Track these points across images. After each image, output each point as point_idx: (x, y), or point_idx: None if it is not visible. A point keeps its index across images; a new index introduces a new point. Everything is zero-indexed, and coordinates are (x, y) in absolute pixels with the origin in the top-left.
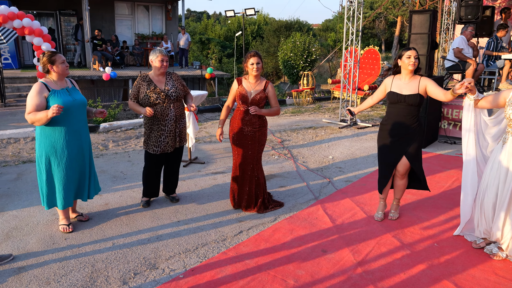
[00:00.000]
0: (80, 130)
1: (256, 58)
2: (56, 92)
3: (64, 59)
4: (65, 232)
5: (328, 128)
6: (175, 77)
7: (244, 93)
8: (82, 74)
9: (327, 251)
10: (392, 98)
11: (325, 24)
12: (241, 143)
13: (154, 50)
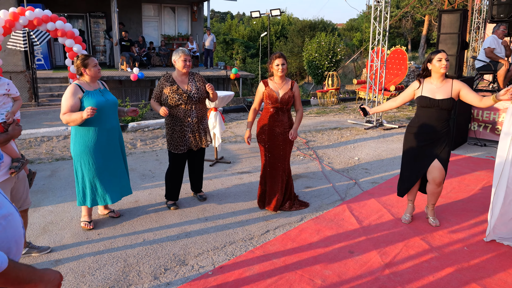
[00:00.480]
0: (113, 129)
1: (281, 59)
2: (90, 93)
3: (97, 62)
4: (87, 229)
5: (354, 129)
6: (198, 77)
7: (272, 93)
8: (111, 74)
9: (354, 252)
10: (425, 103)
11: (350, 24)
12: (272, 144)
13: (176, 51)
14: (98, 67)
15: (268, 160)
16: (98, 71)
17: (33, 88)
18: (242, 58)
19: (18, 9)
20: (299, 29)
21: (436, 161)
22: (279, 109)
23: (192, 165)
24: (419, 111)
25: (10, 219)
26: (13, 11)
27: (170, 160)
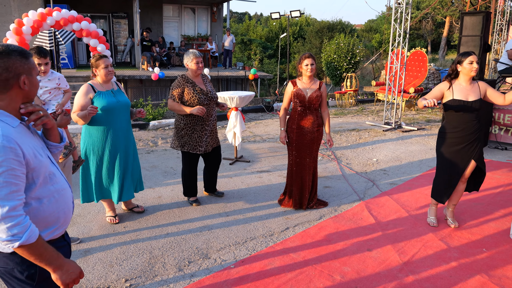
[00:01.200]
0: (123, 129)
1: (311, 60)
2: (101, 93)
3: (109, 63)
4: (112, 223)
5: (372, 131)
6: (208, 79)
7: (300, 92)
8: (132, 74)
9: (372, 250)
10: (458, 106)
11: (368, 25)
12: (300, 142)
13: (187, 53)
14: (109, 68)
15: (294, 159)
16: (109, 72)
17: None
18: (259, 59)
19: (46, 10)
20: (317, 30)
21: (473, 161)
22: (307, 108)
23: (209, 165)
24: (451, 115)
25: (63, 194)
26: (41, 12)
27: (185, 160)
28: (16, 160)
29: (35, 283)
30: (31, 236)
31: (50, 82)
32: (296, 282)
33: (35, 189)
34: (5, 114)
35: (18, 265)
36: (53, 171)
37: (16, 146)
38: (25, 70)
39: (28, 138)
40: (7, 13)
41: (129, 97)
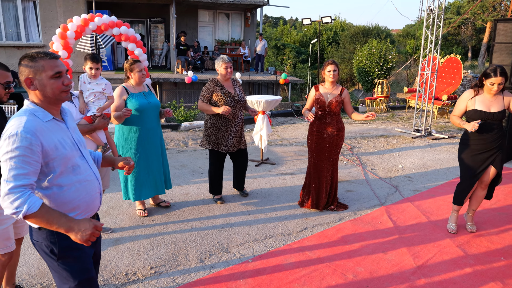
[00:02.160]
0: (154, 129)
1: (333, 66)
2: (134, 95)
3: (142, 67)
4: (142, 216)
5: (401, 138)
6: (238, 83)
7: (321, 98)
8: (167, 77)
9: (387, 253)
10: (480, 116)
11: (406, 30)
12: (319, 146)
13: (218, 59)
14: (142, 72)
15: (313, 161)
16: (142, 76)
17: None
18: (292, 64)
19: (89, 16)
20: (351, 35)
21: (491, 166)
22: (327, 113)
23: (236, 165)
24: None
25: (85, 185)
26: (84, 17)
27: (212, 158)
28: (29, 148)
29: (57, 258)
30: (31, 206)
31: (97, 86)
32: (310, 278)
33: (56, 177)
34: (40, 110)
35: (44, 240)
36: (78, 164)
37: (34, 137)
38: (31, 72)
39: (55, 132)
40: (54, 18)
41: (163, 99)
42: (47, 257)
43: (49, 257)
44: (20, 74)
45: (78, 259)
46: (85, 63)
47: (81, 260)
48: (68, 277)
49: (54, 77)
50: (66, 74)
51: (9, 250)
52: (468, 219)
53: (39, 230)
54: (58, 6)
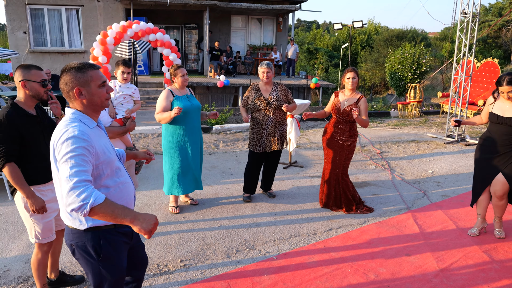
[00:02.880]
0: (195, 129)
1: (353, 73)
2: (179, 97)
3: (185, 72)
4: (174, 213)
5: (432, 143)
6: (281, 87)
7: (338, 104)
8: (200, 81)
9: (411, 256)
10: (494, 119)
11: (444, 33)
12: (330, 149)
13: (261, 64)
14: (185, 77)
15: (326, 164)
16: (185, 80)
17: None
18: (325, 68)
19: (127, 23)
20: (385, 38)
21: (500, 174)
22: (341, 120)
23: (266, 166)
24: (490, 126)
25: (126, 186)
26: (122, 24)
27: (249, 157)
28: (86, 149)
29: (99, 259)
30: (97, 197)
31: (127, 89)
32: (332, 276)
33: (104, 179)
34: (86, 117)
35: (88, 241)
36: (119, 167)
37: (89, 139)
38: (80, 83)
39: (100, 138)
40: (95, 25)
41: None
42: (88, 257)
43: (91, 258)
44: (66, 84)
45: (117, 259)
46: (117, 68)
47: (120, 259)
48: (107, 276)
49: (100, 86)
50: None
51: (50, 240)
52: (496, 225)
53: (85, 232)
54: (99, 14)
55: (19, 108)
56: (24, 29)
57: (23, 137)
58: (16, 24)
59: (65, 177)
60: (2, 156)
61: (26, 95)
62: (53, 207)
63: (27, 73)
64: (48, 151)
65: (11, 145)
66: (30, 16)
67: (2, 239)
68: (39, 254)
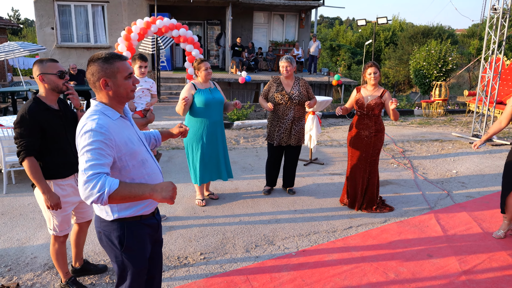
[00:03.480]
0: (217, 122)
1: (374, 68)
2: (200, 91)
3: (208, 66)
4: (200, 206)
5: (457, 142)
6: (302, 82)
7: (361, 99)
8: (221, 77)
9: (432, 256)
10: None
11: (471, 30)
12: (356, 146)
13: (281, 58)
14: (208, 70)
15: (350, 162)
16: (208, 74)
17: (157, 86)
18: (347, 65)
19: (151, 19)
20: (410, 35)
21: None
22: (366, 115)
23: (285, 162)
24: None
25: (153, 177)
26: (146, 20)
27: (268, 150)
28: (104, 142)
29: (123, 249)
30: (112, 183)
31: (146, 83)
32: (351, 274)
33: (129, 170)
34: (109, 109)
35: (114, 231)
36: (146, 158)
37: (107, 132)
38: (107, 74)
39: (124, 129)
40: (119, 21)
41: None
42: (112, 246)
43: (115, 247)
44: (93, 74)
45: (140, 251)
46: (134, 63)
47: (143, 250)
48: (129, 265)
49: (127, 78)
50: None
51: (66, 232)
52: None
53: (111, 222)
54: (124, 10)
55: (41, 102)
56: (52, 25)
57: (45, 132)
58: (44, 20)
59: (81, 170)
60: (22, 150)
61: (46, 89)
62: (72, 200)
63: (43, 67)
64: (69, 146)
65: (32, 139)
66: (58, 12)
67: (29, 227)
68: (56, 245)
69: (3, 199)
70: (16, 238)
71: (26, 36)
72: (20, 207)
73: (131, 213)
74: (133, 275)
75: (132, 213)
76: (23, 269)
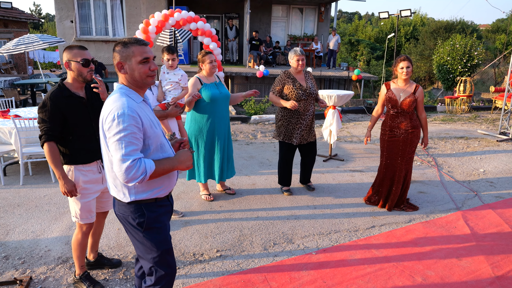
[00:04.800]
0: (223, 118)
1: (407, 62)
2: (207, 85)
3: (213, 59)
4: (207, 201)
5: (483, 140)
6: (311, 76)
7: (393, 96)
8: (239, 71)
9: (462, 259)
10: None
11: (496, 25)
12: (392, 145)
13: (291, 51)
14: (213, 64)
15: (385, 161)
16: (213, 67)
17: None
18: (366, 60)
19: (169, 11)
20: (432, 30)
21: None
22: (400, 113)
23: (304, 159)
24: None
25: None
26: (164, 13)
27: (282, 150)
28: (136, 126)
29: (143, 230)
30: (150, 165)
31: (174, 76)
32: (375, 276)
33: (150, 154)
34: (132, 92)
35: (132, 213)
36: (163, 142)
37: (137, 116)
38: (122, 57)
39: (147, 112)
40: (137, 14)
41: (235, 93)
42: (133, 228)
43: (135, 229)
44: (114, 58)
45: (160, 230)
46: (162, 55)
47: (163, 231)
48: (152, 247)
49: (142, 62)
50: (153, 60)
51: (89, 221)
52: None
53: (128, 204)
54: (142, 3)
55: (65, 89)
56: (71, 18)
57: (66, 118)
58: (63, 13)
59: (119, 157)
60: (43, 134)
61: (71, 76)
62: (93, 188)
63: (70, 53)
64: (93, 133)
65: (52, 125)
66: (77, 5)
67: (44, 219)
68: (79, 234)
69: (19, 191)
70: (31, 230)
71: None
72: (36, 199)
73: (147, 195)
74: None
75: (148, 196)
76: (36, 262)
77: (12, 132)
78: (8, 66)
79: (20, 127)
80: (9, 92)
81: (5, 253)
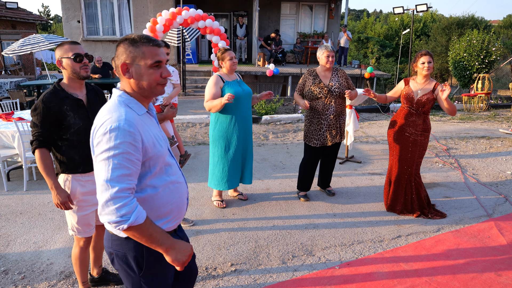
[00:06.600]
0: (247, 117)
1: (428, 57)
2: (229, 83)
3: (233, 56)
4: (220, 207)
5: (507, 140)
6: (341, 73)
7: (410, 93)
8: (248, 69)
9: (502, 275)
10: None
11: (508, 20)
12: (400, 145)
13: (320, 47)
14: (233, 60)
15: (393, 160)
16: (233, 63)
17: (182, 79)
18: (376, 58)
19: (177, 10)
20: (444, 26)
21: None
22: (414, 110)
23: (323, 161)
24: None
25: (178, 186)
26: (172, 11)
27: (305, 152)
28: (133, 145)
29: (142, 272)
30: (139, 216)
31: None
32: None
33: (151, 177)
34: (134, 102)
35: (130, 251)
36: (170, 163)
37: (137, 132)
38: (129, 58)
39: (151, 127)
40: (145, 13)
41: None
42: (127, 269)
43: (130, 270)
44: (117, 57)
45: (162, 273)
46: None
47: (165, 274)
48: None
49: (152, 67)
50: (165, 65)
51: (87, 235)
52: None
53: (126, 239)
54: (149, 2)
55: (60, 90)
56: (78, 18)
57: (61, 122)
58: (70, 13)
59: (103, 180)
60: (34, 140)
61: (66, 75)
62: (92, 200)
63: (61, 50)
64: None
65: (44, 130)
66: (84, 5)
67: (47, 229)
68: (76, 248)
69: (22, 197)
70: (33, 240)
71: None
72: (40, 206)
73: None
74: None
75: None
76: (37, 277)
77: (15, 135)
78: (16, 67)
79: (23, 130)
80: (15, 94)
81: (4, 267)
